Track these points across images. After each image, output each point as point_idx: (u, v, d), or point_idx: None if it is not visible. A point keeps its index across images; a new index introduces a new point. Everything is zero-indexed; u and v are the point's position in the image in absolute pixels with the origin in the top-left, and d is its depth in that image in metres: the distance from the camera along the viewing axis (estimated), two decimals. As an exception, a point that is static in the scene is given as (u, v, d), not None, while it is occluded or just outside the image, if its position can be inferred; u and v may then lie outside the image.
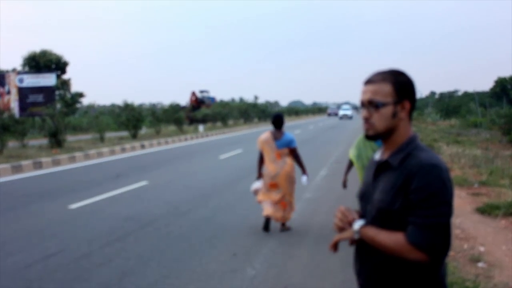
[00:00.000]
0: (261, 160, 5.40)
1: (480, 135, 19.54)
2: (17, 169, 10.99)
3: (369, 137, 1.49)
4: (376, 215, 1.45)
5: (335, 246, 1.56)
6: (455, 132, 22.35)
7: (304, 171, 5.46)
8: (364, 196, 1.56)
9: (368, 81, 1.48)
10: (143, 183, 8.86)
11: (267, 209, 5.21)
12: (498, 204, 5.96)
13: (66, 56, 50.88)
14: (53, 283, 3.85)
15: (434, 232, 1.33)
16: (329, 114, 66.59)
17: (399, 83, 1.45)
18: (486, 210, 5.86)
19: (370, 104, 1.45)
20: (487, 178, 8.37)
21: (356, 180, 9.33)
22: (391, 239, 1.37)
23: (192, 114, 33.58)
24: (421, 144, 1.47)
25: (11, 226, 5.71)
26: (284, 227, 5.35)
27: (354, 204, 1.58)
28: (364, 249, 1.48)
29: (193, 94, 41.64)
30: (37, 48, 37.95)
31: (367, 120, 1.47)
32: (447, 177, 1.37)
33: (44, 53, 33.48)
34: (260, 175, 5.38)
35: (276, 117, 5.37)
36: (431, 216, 1.33)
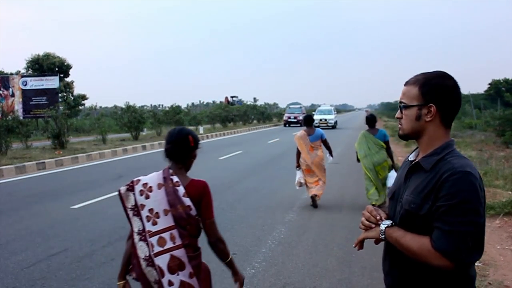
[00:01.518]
0: (298, 153, 6.82)
1: (475, 136, 19.56)
2: (21, 170, 11.09)
3: (400, 136, 1.52)
4: (404, 215, 1.43)
5: (361, 244, 1.54)
6: (450, 133, 22.32)
7: (331, 153, 7.04)
8: (394, 196, 1.54)
9: (405, 83, 1.51)
10: (144, 184, 8.93)
11: (312, 191, 6.67)
12: (492, 204, 6.01)
13: (69, 59, 51.03)
14: (56, 282, 3.92)
15: (461, 240, 1.29)
16: (287, 123, 35.41)
17: (427, 86, 1.43)
18: (481, 210, 5.92)
19: (400, 105, 1.50)
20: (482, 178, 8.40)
21: (355, 181, 9.41)
22: (416, 242, 1.35)
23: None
24: (457, 151, 1.44)
25: (15, 226, 5.79)
26: (316, 200, 6.75)
27: (352, 204, 1.62)
28: (395, 250, 1.45)
29: (226, 98, 50.59)
30: (40, 51, 38.11)
31: (399, 120, 1.51)
32: (479, 185, 1.34)
33: (47, 56, 33.60)
34: (298, 165, 6.86)
35: (307, 117, 6.92)
36: (459, 224, 1.29)
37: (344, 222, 5.83)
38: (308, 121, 6.76)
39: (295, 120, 34.46)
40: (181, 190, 2.04)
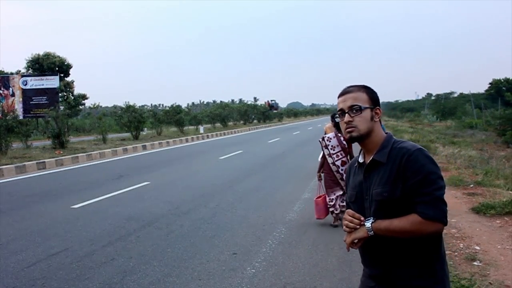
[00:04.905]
0: None
1: (475, 136, 19.58)
2: (21, 169, 11.09)
3: (353, 138, 1.67)
4: (377, 207, 1.60)
5: (353, 244, 1.66)
6: (451, 133, 22.40)
7: None
8: (356, 198, 1.71)
9: (346, 92, 1.70)
10: (144, 183, 8.93)
11: None
12: (493, 204, 5.99)
13: (70, 58, 51.01)
14: (56, 281, 3.91)
15: (441, 203, 1.52)
16: None
17: (371, 93, 1.70)
18: (482, 210, 5.90)
19: (351, 109, 1.65)
20: (482, 178, 8.41)
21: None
22: (406, 222, 1.52)
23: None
24: (398, 139, 1.69)
25: (15, 226, 5.79)
26: None
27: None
28: (375, 243, 1.62)
29: (268, 102, 66.00)
30: (40, 50, 38.15)
31: (349, 123, 1.66)
32: (431, 156, 1.59)
33: (47, 56, 33.60)
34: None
35: (334, 114, 10.56)
36: (435, 190, 1.51)
37: (344, 221, 5.82)
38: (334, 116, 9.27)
39: None
40: (342, 138, 5.40)
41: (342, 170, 5.45)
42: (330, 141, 5.49)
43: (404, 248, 1.57)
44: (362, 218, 1.61)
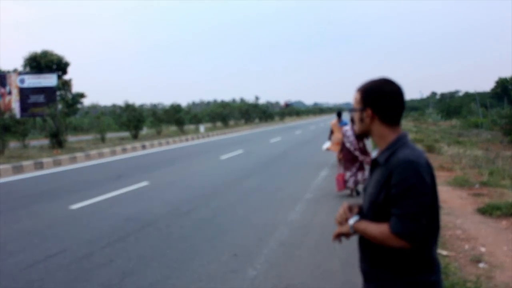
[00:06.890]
0: (331, 132, 10.35)
1: (481, 135, 19.57)
2: (18, 169, 11.02)
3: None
4: (368, 206, 1.62)
5: (338, 238, 1.73)
6: (456, 132, 22.42)
7: None
8: (365, 189, 1.73)
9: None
10: (144, 183, 8.87)
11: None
12: (499, 204, 5.93)
13: (67, 56, 51.01)
14: (54, 283, 3.86)
15: (413, 221, 1.46)
16: None
17: (365, 92, 1.64)
18: (487, 211, 5.84)
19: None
20: (488, 178, 8.37)
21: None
22: (377, 230, 1.53)
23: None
24: (408, 142, 1.60)
25: (12, 227, 5.73)
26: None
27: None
28: (363, 239, 1.66)
29: (285, 102, 77.56)
30: (38, 48, 38.14)
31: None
32: (424, 170, 1.50)
33: (45, 54, 33.56)
34: (330, 138, 10.42)
35: (338, 111, 10.67)
36: (410, 206, 1.46)
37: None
38: (338, 113, 10.45)
39: None
40: None
41: (354, 152, 7.41)
42: (347, 132, 7.48)
43: (385, 252, 1.56)
44: (349, 214, 1.66)
